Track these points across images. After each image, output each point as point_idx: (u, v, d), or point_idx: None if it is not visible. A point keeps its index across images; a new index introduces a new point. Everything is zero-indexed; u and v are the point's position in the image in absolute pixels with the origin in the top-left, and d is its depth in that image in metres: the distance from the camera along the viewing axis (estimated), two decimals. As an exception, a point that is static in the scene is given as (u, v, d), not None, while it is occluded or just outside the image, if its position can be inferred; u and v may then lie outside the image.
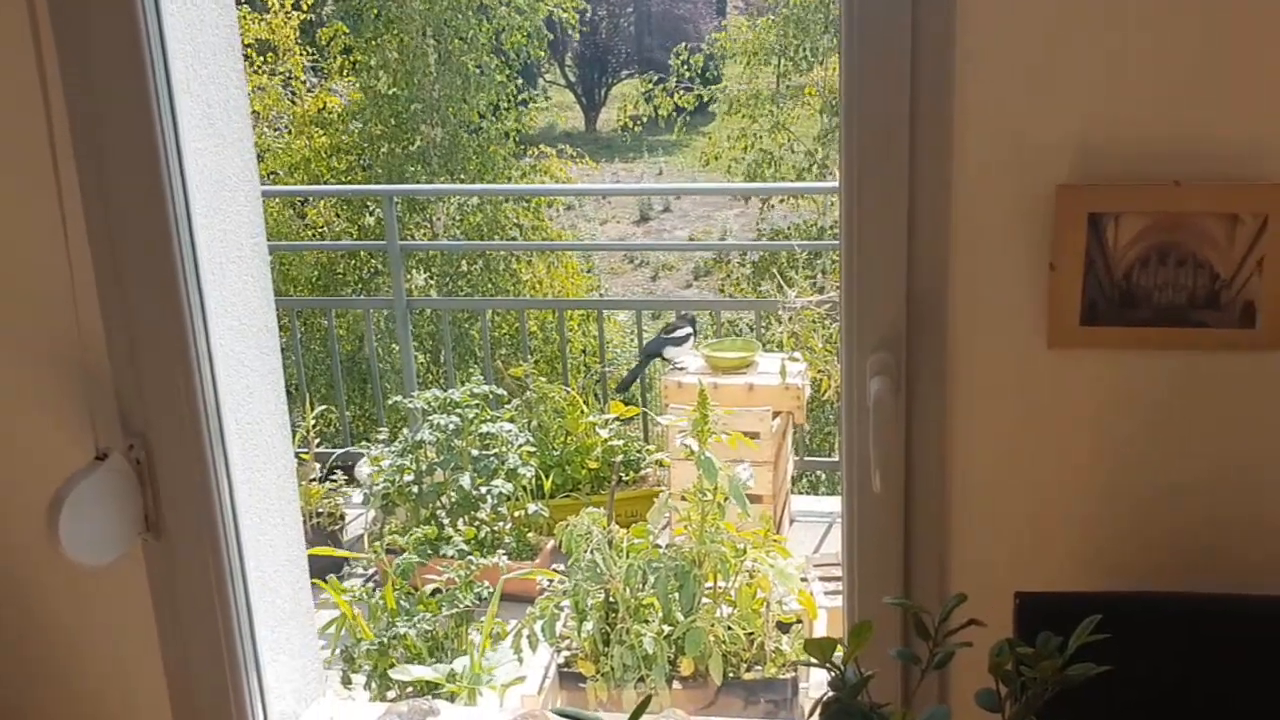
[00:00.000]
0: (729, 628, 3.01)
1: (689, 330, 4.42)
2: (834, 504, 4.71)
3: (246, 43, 9.09)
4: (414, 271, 9.51)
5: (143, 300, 2.02)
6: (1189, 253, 1.72)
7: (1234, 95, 1.66)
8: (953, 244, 1.77)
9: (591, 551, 3.01)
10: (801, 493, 6.44)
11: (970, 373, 1.83)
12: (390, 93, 9.58)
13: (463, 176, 9.79)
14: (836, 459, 1.86)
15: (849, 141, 1.77)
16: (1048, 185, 1.72)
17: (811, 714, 1.47)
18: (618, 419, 4.60)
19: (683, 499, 3.27)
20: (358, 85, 9.73)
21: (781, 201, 11.19)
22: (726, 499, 3.07)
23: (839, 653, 1.45)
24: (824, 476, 7.17)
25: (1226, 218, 1.70)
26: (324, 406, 5.82)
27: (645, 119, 12.50)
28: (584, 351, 9.30)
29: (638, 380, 4.98)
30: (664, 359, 4.40)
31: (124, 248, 2.00)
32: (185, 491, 2.11)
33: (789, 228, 10.78)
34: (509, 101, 10.16)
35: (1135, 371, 1.79)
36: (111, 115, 1.94)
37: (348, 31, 9.71)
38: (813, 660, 1.43)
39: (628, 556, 3.04)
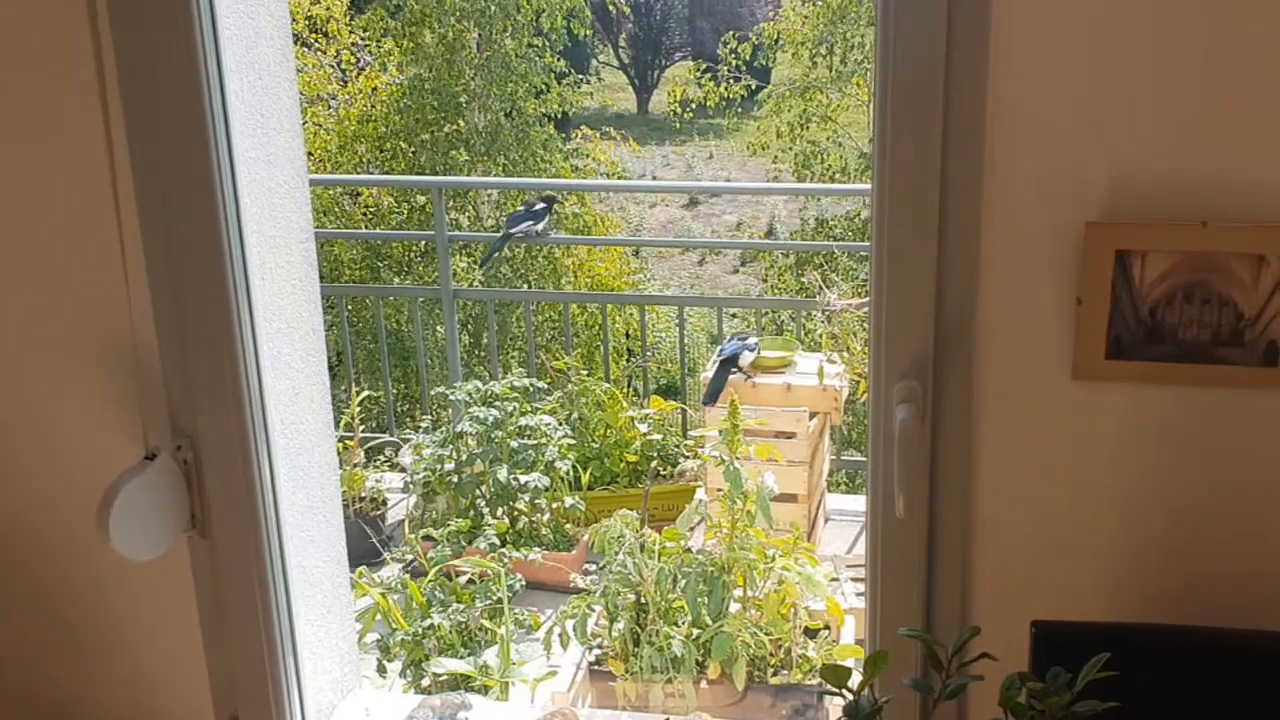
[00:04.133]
0: (755, 633, 3.06)
1: (755, 340, 4.45)
2: (868, 503, 4.73)
3: (297, 27, 9.20)
4: (456, 255, 9.58)
5: (194, 305, 2.09)
6: (1214, 291, 1.75)
7: (1262, 138, 1.69)
8: (981, 276, 1.81)
9: (623, 554, 3.07)
10: (838, 487, 6.48)
11: (995, 402, 1.86)
12: (431, 78, 9.62)
13: (504, 162, 9.83)
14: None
15: (880, 171, 1.81)
16: (1077, 222, 1.75)
17: (827, 736, 1.52)
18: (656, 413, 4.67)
19: (715, 497, 3.32)
20: (400, 70, 9.80)
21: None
22: (756, 508, 3.12)
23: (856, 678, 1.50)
24: (861, 475, 7.19)
25: (1252, 258, 1.72)
26: (368, 393, 5.91)
27: (695, 105, 12.49)
28: (626, 335, 9.34)
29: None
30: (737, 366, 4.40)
31: (177, 253, 2.07)
32: (230, 491, 2.18)
33: (834, 218, 10.77)
34: (549, 85, 10.17)
35: (1158, 406, 1.82)
36: (167, 123, 2.01)
37: (385, 15, 9.78)
38: (829, 688, 1.48)
39: (659, 559, 3.10)
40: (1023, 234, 1.78)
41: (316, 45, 9.42)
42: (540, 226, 5.33)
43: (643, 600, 3.13)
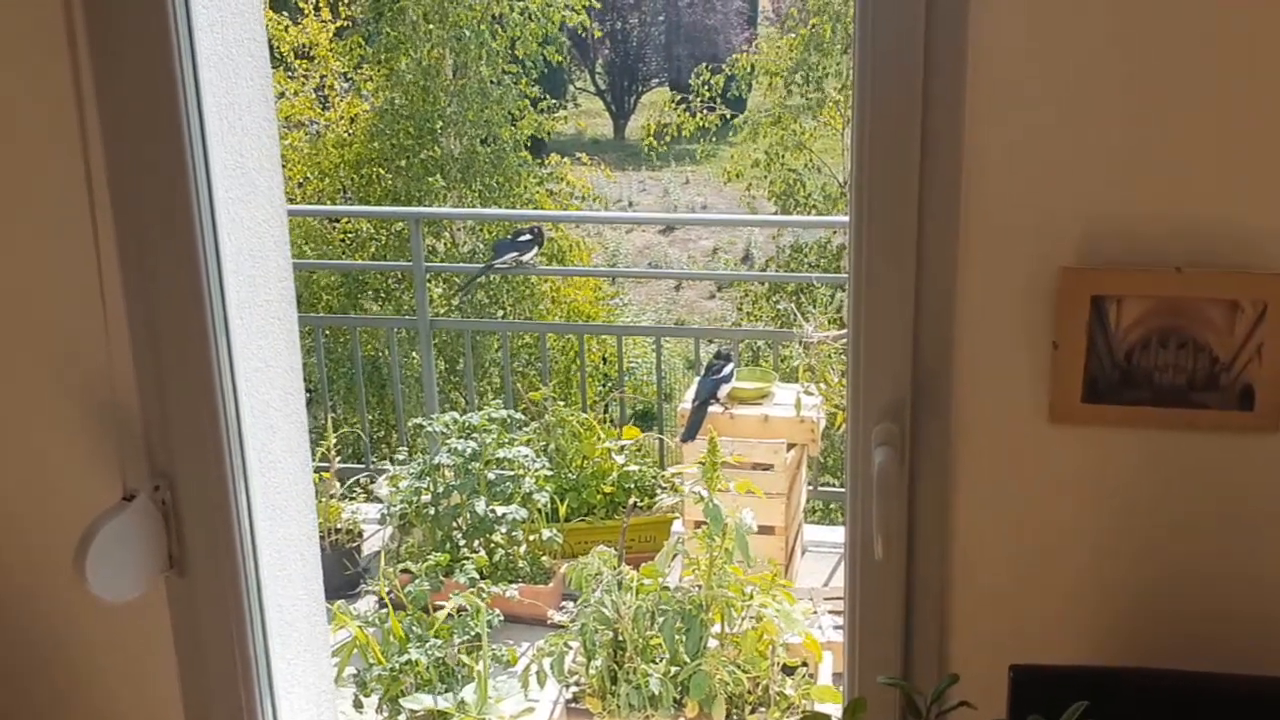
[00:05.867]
0: (733, 670, 3.05)
1: (731, 366, 4.47)
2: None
3: (282, 51, 9.21)
4: (433, 281, 9.58)
5: (172, 345, 2.08)
6: (1190, 336, 1.76)
7: (1236, 185, 1.70)
8: (958, 320, 1.82)
9: (601, 591, 3.07)
10: (814, 514, 6.47)
11: (973, 445, 1.87)
12: (407, 104, 9.63)
13: (479, 188, 9.84)
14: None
15: (858, 216, 1.81)
16: (1052, 267, 1.76)
17: (806, 784, 1.52)
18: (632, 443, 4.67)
19: (694, 533, 3.32)
20: (377, 96, 9.82)
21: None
22: (734, 544, 3.12)
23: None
24: (837, 505, 7.20)
25: (1227, 304, 1.74)
26: (344, 429, 5.89)
27: (670, 134, 12.55)
28: (604, 360, 9.34)
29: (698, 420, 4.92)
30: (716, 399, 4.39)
31: (156, 293, 2.06)
32: (208, 531, 2.16)
33: (809, 245, 10.82)
34: (523, 111, 10.20)
35: (1135, 449, 1.82)
36: (147, 165, 2.00)
37: (362, 43, 9.79)
38: (808, 734, 1.48)
39: (637, 596, 3.09)
40: (999, 279, 1.79)
41: (300, 70, 9.43)
42: (526, 258, 5.37)
43: (620, 638, 3.12)
